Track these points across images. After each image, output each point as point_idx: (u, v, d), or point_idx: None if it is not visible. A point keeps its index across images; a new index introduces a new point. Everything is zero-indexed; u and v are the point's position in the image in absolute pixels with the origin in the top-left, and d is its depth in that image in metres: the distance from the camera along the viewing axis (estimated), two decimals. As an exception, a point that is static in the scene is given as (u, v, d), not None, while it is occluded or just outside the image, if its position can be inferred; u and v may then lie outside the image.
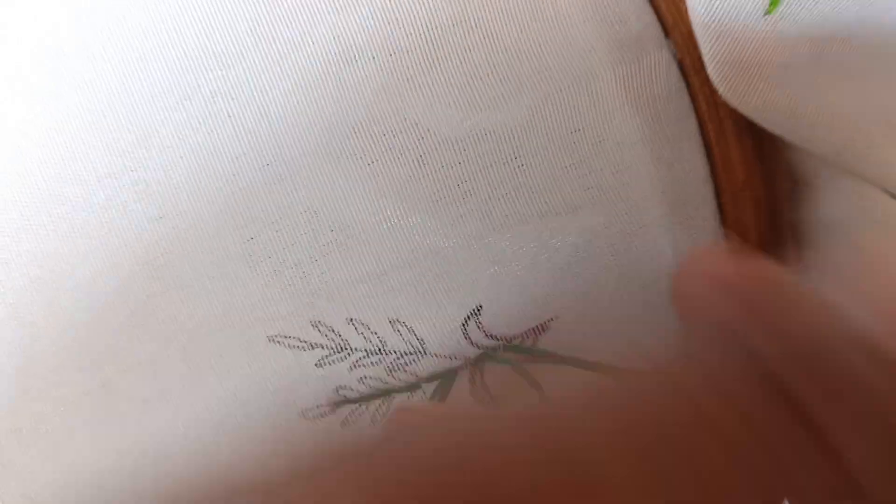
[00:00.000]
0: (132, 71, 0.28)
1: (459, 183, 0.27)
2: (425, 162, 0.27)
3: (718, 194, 0.28)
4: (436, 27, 0.26)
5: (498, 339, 0.28)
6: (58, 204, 0.28)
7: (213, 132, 0.27)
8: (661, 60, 0.27)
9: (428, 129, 0.27)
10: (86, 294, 0.28)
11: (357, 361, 0.28)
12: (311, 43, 0.27)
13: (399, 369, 0.28)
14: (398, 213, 0.28)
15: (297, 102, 0.27)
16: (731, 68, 0.26)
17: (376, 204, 0.28)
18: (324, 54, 0.27)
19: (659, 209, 0.27)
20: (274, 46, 0.27)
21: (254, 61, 0.27)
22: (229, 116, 0.27)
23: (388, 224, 0.28)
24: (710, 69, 0.26)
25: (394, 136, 0.27)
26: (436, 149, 0.27)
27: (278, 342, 0.28)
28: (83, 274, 0.28)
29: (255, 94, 0.27)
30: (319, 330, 0.28)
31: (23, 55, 0.28)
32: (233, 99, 0.27)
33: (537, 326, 0.28)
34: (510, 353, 0.28)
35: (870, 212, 0.26)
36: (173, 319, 0.27)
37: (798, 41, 0.24)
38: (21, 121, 0.28)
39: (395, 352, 0.28)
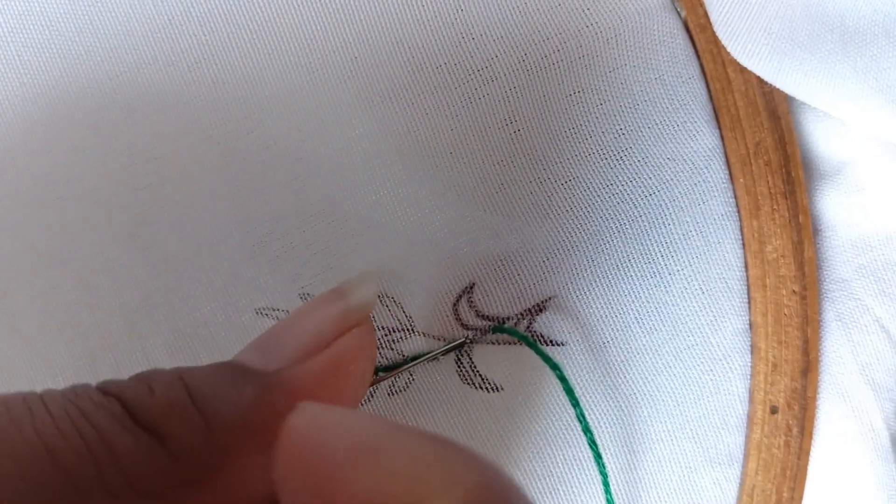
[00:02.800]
0: (118, 41, 0.27)
1: (451, 150, 0.26)
2: (414, 129, 0.26)
3: (728, 159, 0.26)
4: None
5: (490, 320, 0.27)
6: (45, 174, 0.28)
7: (196, 99, 0.27)
8: (664, 19, 0.26)
9: (417, 94, 0.26)
10: (70, 263, 0.27)
11: (344, 337, 0.27)
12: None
13: (385, 346, 0.27)
14: (387, 183, 0.27)
15: (281, 69, 0.27)
16: (735, 23, 0.24)
17: (364, 174, 0.27)
18: (308, 18, 0.26)
19: (664, 174, 0.26)
20: (260, 35, 0.27)
21: (245, 39, 0.27)
22: (213, 82, 0.27)
23: (377, 195, 0.27)
24: (717, 26, 0.25)
25: (383, 103, 0.26)
26: (426, 114, 0.26)
27: (266, 315, 0.27)
28: (70, 243, 0.27)
29: (238, 60, 0.27)
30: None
31: (13, 29, 0.28)
32: (216, 65, 0.27)
33: (534, 306, 0.27)
34: (500, 335, 0.27)
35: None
36: (157, 292, 0.27)
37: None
38: (10, 94, 0.28)
39: (383, 328, 0.27)
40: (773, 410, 0.27)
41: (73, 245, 0.28)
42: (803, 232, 0.26)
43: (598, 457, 0.26)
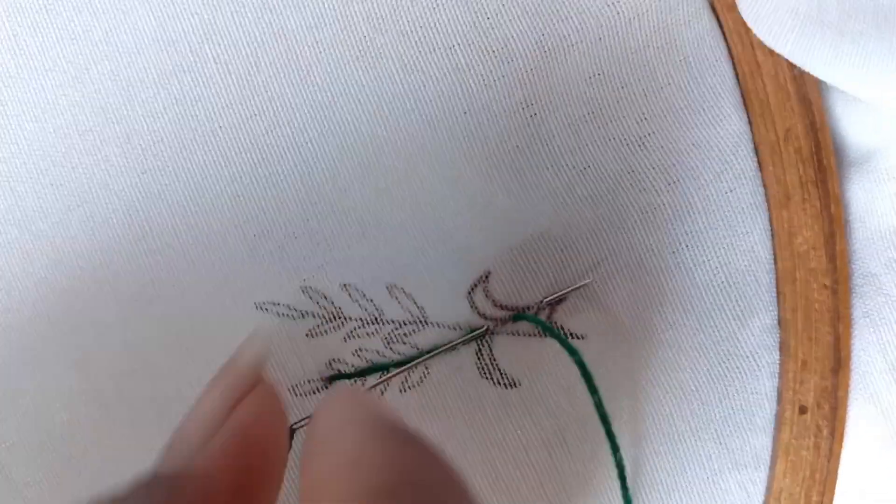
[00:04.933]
0: (117, 22, 0.26)
1: (465, 134, 0.25)
2: (426, 112, 0.25)
3: (757, 145, 0.25)
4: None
5: (508, 309, 0.25)
6: (39, 158, 0.26)
7: (197, 80, 0.25)
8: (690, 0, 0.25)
9: (429, 76, 0.25)
10: (65, 252, 0.26)
11: (352, 331, 0.26)
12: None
13: (397, 340, 0.26)
14: (398, 169, 0.25)
15: (287, 49, 0.25)
16: (761, 4, 0.23)
17: (373, 159, 0.25)
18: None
19: (689, 161, 0.25)
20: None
21: (249, 19, 0.26)
22: (215, 62, 0.25)
23: (387, 181, 0.25)
24: (742, 6, 0.24)
25: (393, 85, 0.25)
26: (439, 97, 0.25)
27: (266, 310, 0.26)
28: (65, 231, 0.26)
29: (242, 40, 0.25)
30: (310, 296, 0.26)
31: (8, 8, 0.27)
32: (219, 45, 0.25)
33: (553, 297, 0.26)
34: (521, 324, 0.25)
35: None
36: (153, 283, 0.26)
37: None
38: (4, 75, 0.27)
39: (393, 321, 0.25)
40: (803, 410, 0.26)
41: (68, 233, 0.26)
42: (835, 223, 0.25)
43: (615, 448, 0.24)
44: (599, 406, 0.24)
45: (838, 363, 0.26)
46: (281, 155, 0.26)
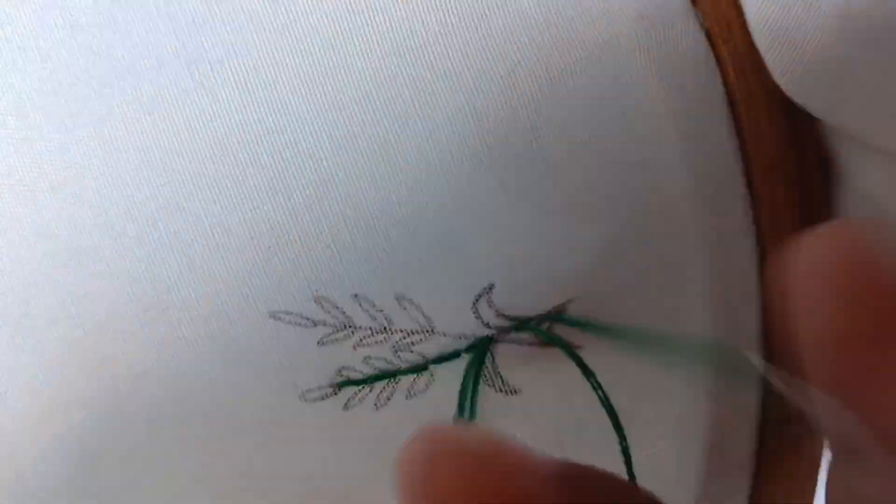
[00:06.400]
0: (140, 40, 0.27)
1: (473, 154, 0.27)
2: (436, 132, 0.27)
3: (748, 171, 0.26)
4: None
5: (511, 319, 0.27)
6: (60, 169, 0.27)
7: (218, 97, 0.27)
8: (687, 29, 0.26)
9: (439, 97, 0.26)
10: (81, 259, 0.27)
11: (361, 340, 0.27)
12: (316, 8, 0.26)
13: (405, 349, 0.27)
14: (406, 186, 0.27)
15: (306, 69, 0.27)
16: (781, 44, 0.25)
17: (385, 178, 0.27)
18: (333, 17, 0.26)
19: (684, 184, 0.26)
20: (279, 17, 0.27)
21: (269, 39, 0.27)
22: (234, 83, 0.27)
23: (397, 197, 0.27)
24: (759, 41, 0.25)
25: (405, 105, 0.27)
26: (449, 119, 0.27)
27: (279, 318, 0.27)
28: (83, 240, 0.27)
29: (262, 59, 0.27)
30: (322, 306, 0.27)
31: (34, 23, 0.28)
32: (238, 66, 0.27)
33: (553, 308, 0.27)
34: (523, 333, 0.27)
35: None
36: (168, 290, 0.27)
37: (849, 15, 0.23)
38: (32, 89, 0.28)
39: (401, 330, 0.27)
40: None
41: (85, 242, 0.27)
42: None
43: (622, 437, 0.26)
44: (606, 402, 0.25)
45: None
46: (298, 170, 0.27)
